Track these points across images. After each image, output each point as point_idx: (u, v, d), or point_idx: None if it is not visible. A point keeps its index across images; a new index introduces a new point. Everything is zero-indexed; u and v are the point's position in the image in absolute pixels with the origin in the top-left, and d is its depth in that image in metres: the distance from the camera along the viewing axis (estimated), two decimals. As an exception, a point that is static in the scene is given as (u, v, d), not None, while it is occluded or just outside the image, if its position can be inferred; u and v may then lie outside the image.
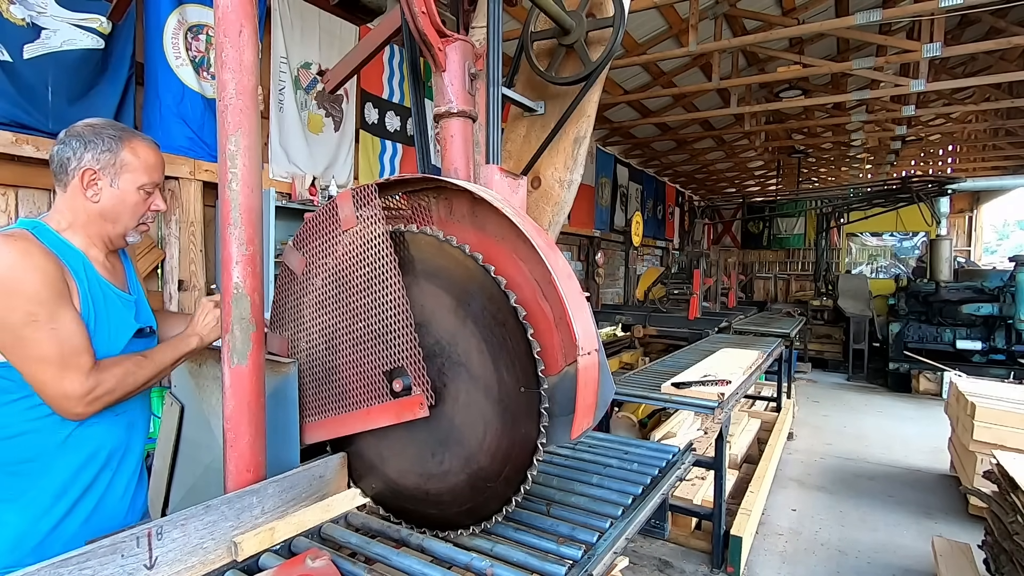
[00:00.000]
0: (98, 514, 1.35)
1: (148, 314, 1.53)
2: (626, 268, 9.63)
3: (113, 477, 1.40)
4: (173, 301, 3.27)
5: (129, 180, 1.38)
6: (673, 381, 3.24)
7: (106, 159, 1.35)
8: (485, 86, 1.47)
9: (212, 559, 1.09)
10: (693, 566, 3.33)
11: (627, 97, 6.90)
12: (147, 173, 1.40)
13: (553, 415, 1.14)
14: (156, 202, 1.46)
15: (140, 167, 1.39)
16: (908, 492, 4.57)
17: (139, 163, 1.39)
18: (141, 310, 1.50)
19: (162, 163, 1.46)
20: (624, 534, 1.30)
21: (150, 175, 1.41)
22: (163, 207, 1.49)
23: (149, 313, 1.54)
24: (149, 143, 1.43)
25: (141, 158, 1.39)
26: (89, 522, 1.33)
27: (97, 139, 1.35)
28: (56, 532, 1.28)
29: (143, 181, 1.40)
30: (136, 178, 1.39)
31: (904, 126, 8.14)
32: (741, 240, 15.41)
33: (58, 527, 1.28)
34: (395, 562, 1.14)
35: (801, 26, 5.18)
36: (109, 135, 1.36)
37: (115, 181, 1.37)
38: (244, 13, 1.23)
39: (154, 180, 1.43)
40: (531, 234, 1.11)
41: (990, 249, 16.55)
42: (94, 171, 1.34)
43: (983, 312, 7.55)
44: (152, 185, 1.43)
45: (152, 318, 1.54)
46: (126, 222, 1.41)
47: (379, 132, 4.59)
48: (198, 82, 3.28)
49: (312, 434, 1.42)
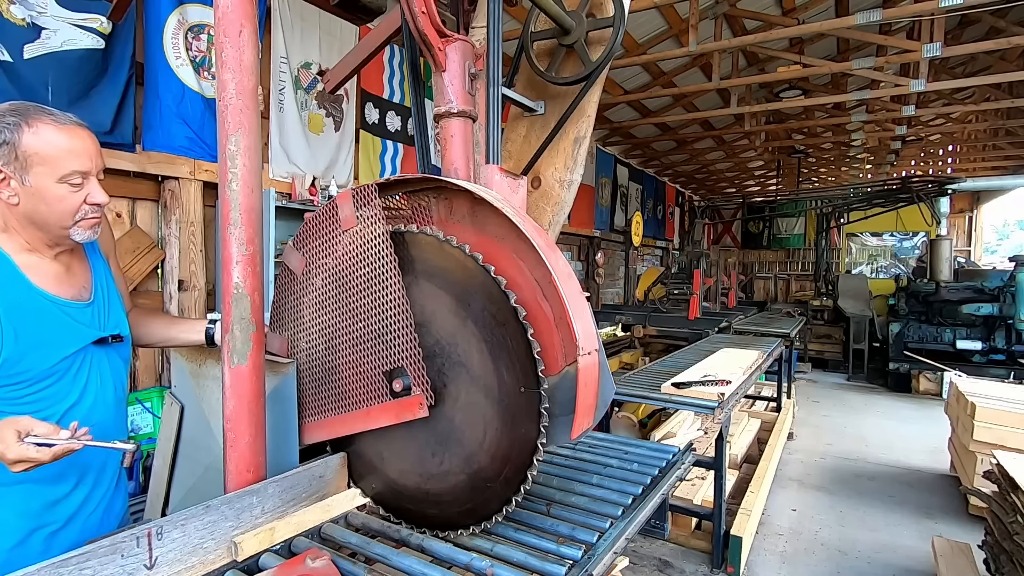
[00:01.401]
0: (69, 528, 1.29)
1: (117, 320, 1.40)
2: (626, 268, 9.63)
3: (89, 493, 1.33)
4: (173, 301, 3.27)
5: (42, 174, 1.16)
6: (673, 381, 3.24)
7: (6, 154, 1.13)
8: (485, 86, 1.47)
9: (212, 559, 1.09)
10: (693, 566, 3.33)
11: (627, 97, 6.90)
12: (64, 161, 1.17)
13: (553, 415, 1.14)
14: (93, 194, 1.23)
15: (51, 156, 1.15)
16: (908, 492, 4.57)
17: (48, 151, 1.15)
18: (107, 316, 1.37)
19: (88, 146, 1.21)
20: (624, 534, 1.30)
21: (69, 163, 1.17)
22: (102, 199, 1.24)
23: (119, 319, 1.41)
24: (62, 124, 1.18)
25: (51, 144, 1.15)
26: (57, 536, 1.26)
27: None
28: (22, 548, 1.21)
29: (61, 172, 1.17)
30: (50, 170, 1.16)
31: (904, 126, 8.14)
32: (741, 240, 15.41)
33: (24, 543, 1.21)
34: (395, 562, 1.14)
35: (801, 26, 5.18)
36: (6, 123, 1.13)
37: (25, 178, 1.15)
38: (244, 13, 1.23)
39: (78, 168, 1.19)
40: (531, 234, 1.11)
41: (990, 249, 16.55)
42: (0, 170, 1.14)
43: (983, 312, 7.55)
44: (78, 175, 1.19)
45: (122, 324, 1.41)
46: (57, 223, 1.21)
47: (380, 132, 4.59)
48: (198, 82, 3.28)
49: (312, 434, 1.42)
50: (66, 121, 1.20)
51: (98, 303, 1.36)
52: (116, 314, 1.41)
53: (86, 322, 1.31)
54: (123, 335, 1.42)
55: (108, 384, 1.38)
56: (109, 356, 1.38)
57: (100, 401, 1.34)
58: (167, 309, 3.27)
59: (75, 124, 1.21)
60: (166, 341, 1.60)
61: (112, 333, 1.37)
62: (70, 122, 1.20)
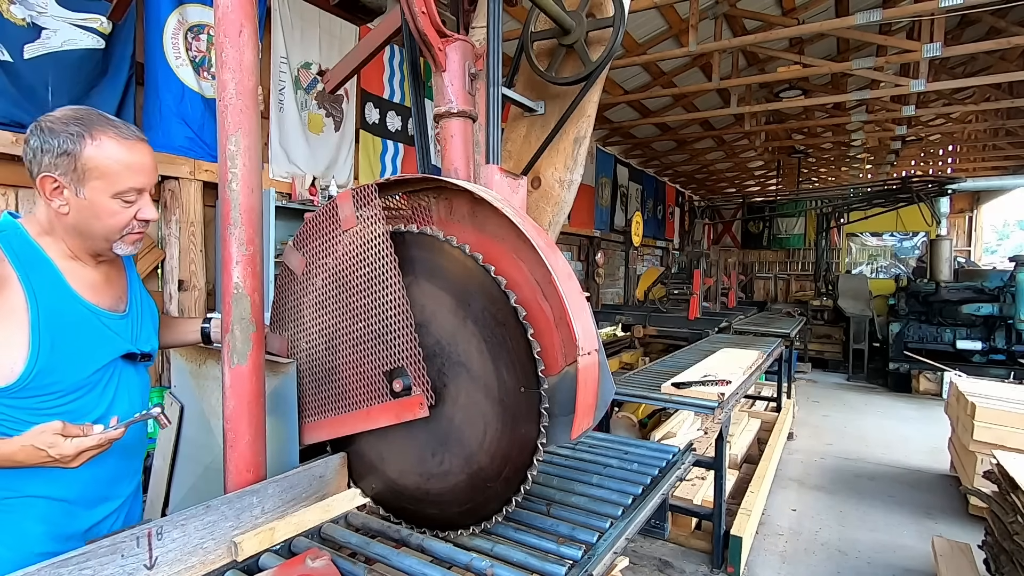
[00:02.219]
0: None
1: (148, 336, 1.37)
2: (626, 268, 9.63)
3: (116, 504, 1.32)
4: (173, 301, 3.27)
5: (98, 188, 1.13)
6: (673, 381, 3.24)
7: (65, 164, 1.11)
8: (485, 86, 1.47)
9: (212, 559, 1.09)
10: (693, 566, 3.33)
11: (627, 97, 6.89)
12: (122, 178, 1.14)
13: (553, 415, 1.14)
14: (144, 211, 1.21)
15: (111, 171, 1.13)
16: (908, 492, 4.57)
17: (109, 166, 1.13)
18: (140, 331, 1.34)
19: (147, 163, 1.20)
20: (624, 534, 1.30)
21: (127, 180, 1.15)
22: (153, 216, 1.24)
23: (149, 335, 1.38)
24: (125, 138, 1.16)
25: (112, 159, 1.13)
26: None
27: (56, 138, 1.11)
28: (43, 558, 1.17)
29: (118, 188, 1.15)
30: (107, 185, 1.14)
31: (904, 126, 8.14)
32: (741, 240, 15.41)
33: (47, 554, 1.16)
34: (395, 562, 1.14)
35: (801, 26, 5.18)
36: (69, 133, 1.11)
37: (80, 190, 1.13)
38: (244, 13, 1.23)
39: (135, 185, 1.17)
40: (531, 234, 1.11)
41: (990, 249, 16.56)
42: (54, 179, 1.12)
43: (983, 312, 7.55)
44: (133, 191, 1.17)
45: (152, 342, 1.38)
46: (103, 236, 1.19)
47: (380, 132, 4.59)
48: (198, 82, 3.28)
49: (312, 434, 1.42)
50: (129, 135, 1.17)
51: (132, 316, 1.34)
52: (147, 330, 1.38)
53: (121, 333, 1.29)
54: (152, 354, 1.39)
55: (136, 400, 1.35)
56: (138, 372, 1.36)
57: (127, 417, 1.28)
58: (167, 309, 3.27)
59: (137, 139, 1.18)
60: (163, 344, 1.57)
61: (143, 351, 1.34)
62: (133, 136, 1.17)
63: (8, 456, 1.05)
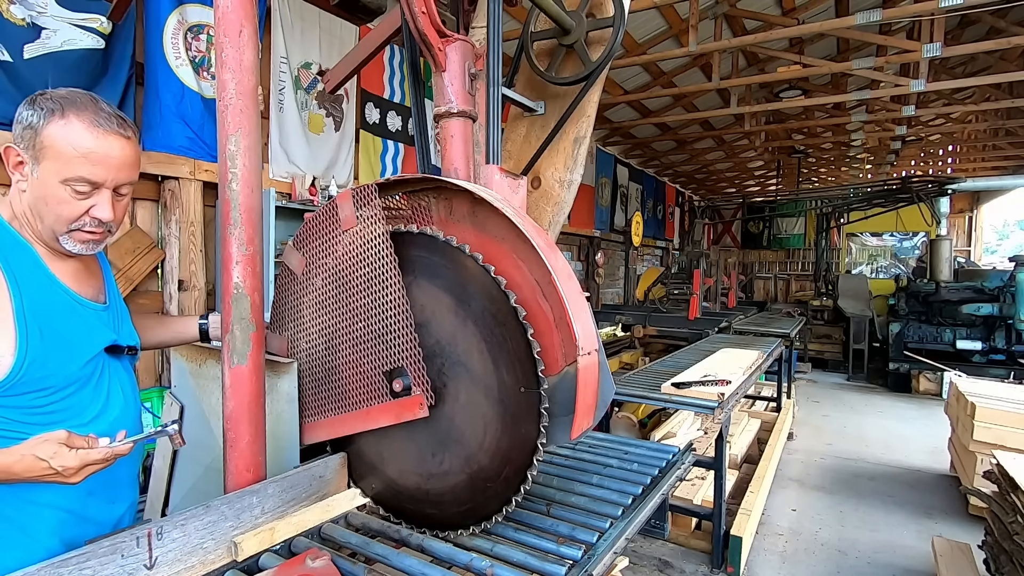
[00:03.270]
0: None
1: (129, 331, 1.32)
2: (626, 268, 9.63)
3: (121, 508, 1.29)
4: (173, 301, 3.27)
5: (50, 170, 1.06)
6: (673, 381, 3.24)
7: (28, 138, 1.05)
8: (485, 86, 1.47)
9: (212, 559, 1.09)
10: (693, 566, 3.33)
11: (627, 97, 6.90)
12: (75, 165, 1.06)
13: (553, 415, 1.14)
14: (98, 207, 1.10)
15: (64, 154, 1.05)
16: (908, 492, 4.57)
17: (64, 149, 1.05)
18: (121, 325, 1.29)
19: (114, 158, 1.09)
20: (624, 534, 1.30)
21: (80, 168, 1.06)
22: (105, 216, 1.11)
23: (128, 327, 1.32)
24: (97, 126, 1.07)
25: (70, 142, 1.05)
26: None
27: (29, 109, 1.06)
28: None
29: (67, 175, 1.06)
30: (58, 168, 1.05)
31: (904, 126, 8.14)
32: (741, 240, 15.41)
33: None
34: (395, 562, 1.14)
35: (801, 26, 5.18)
36: (44, 105, 1.05)
37: (35, 168, 1.07)
38: (244, 13, 1.23)
39: (88, 176, 1.07)
40: (531, 234, 1.11)
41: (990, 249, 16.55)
42: (17, 151, 1.07)
43: (983, 312, 7.55)
44: (85, 183, 1.08)
45: (134, 337, 1.32)
46: (51, 224, 1.09)
47: (380, 132, 4.59)
48: (198, 82, 3.28)
49: (312, 434, 1.42)
50: (107, 126, 1.09)
51: (113, 308, 1.29)
52: (128, 325, 1.34)
53: (105, 324, 1.23)
54: (137, 348, 1.34)
55: (130, 398, 1.30)
56: (126, 368, 1.31)
57: (125, 413, 1.27)
58: (167, 309, 3.27)
59: (115, 132, 1.10)
60: (161, 343, 1.55)
61: (129, 344, 1.29)
62: (111, 129, 1.10)
63: (6, 468, 0.97)
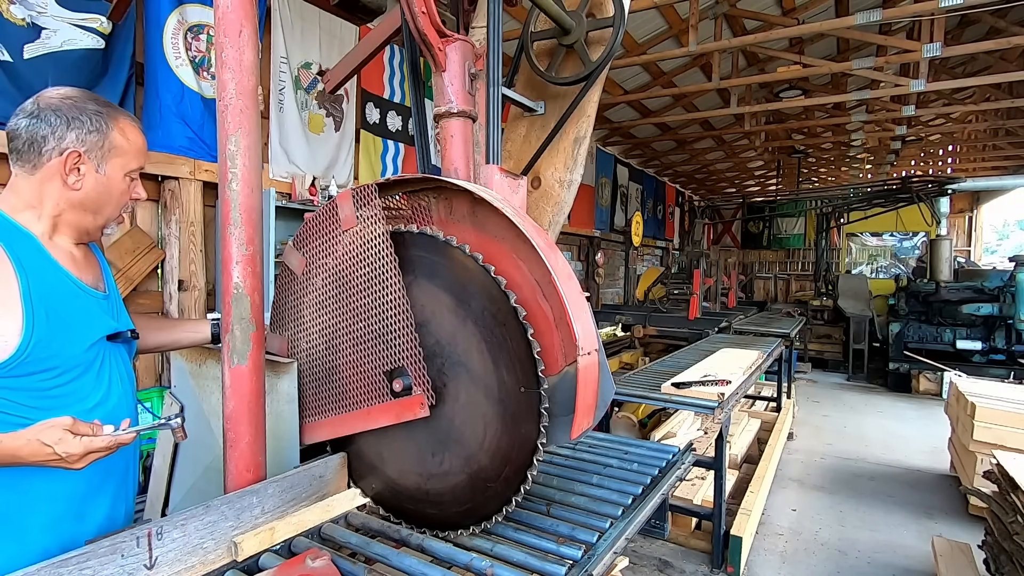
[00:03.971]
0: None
1: (126, 317, 1.36)
2: (626, 268, 9.63)
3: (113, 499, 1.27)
4: (173, 301, 3.27)
5: (118, 166, 1.23)
6: (673, 381, 3.24)
7: (93, 140, 1.19)
8: (485, 86, 1.47)
9: (212, 559, 1.09)
10: (693, 566, 3.33)
11: (627, 97, 6.89)
12: (137, 157, 1.26)
13: (553, 415, 1.14)
14: (138, 189, 1.31)
15: (130, 151, 1.24)
16: (908, 492, 4.57)
17: (129, 146, 1.24)
18: (119, 312, 1.34)
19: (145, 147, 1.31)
20: (624, 534, 1.30)
21: (139, 159, 1.27)
22: (144, 195, 1.33)
23: (126, 316, 1.37)
24: (136, 123, 1.28)
25: (131, 140, 1.24)
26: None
27: (83, 116, 1.18)
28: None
29: (133, 166, 1.26)
30: (126, 163, 1.24)
31: (904, 126, 8.14)
32: (741, 240, 15.41)
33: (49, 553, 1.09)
34: (395, 562, 1.14)
35: (801, 26, 5.18)
36: (94, 112, 1.19)
37: (102, 166, 1.20)
38: (244, 13, 1.24)
39: (142, 165, 1.29)
40: (531, 234, 1.11)
41: (990, 249, 16.55)
42: (79, 154, 1.17)
43: (983, 312, 7.55)
44: (139, 171, 1.29)
45: (130, 321, 1.37)
46: (109, 212, 1.26)
47: (381, 132, 4.59)
48: (198, 82, 3.28)
49: (312, 434, 1.42)
50: (136, 121, 1.28)
51: (112, 298, 1.33)
52: (124, 314, 1.37)
53: (106, 311, 1.27)
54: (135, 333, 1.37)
55: (127, 384, 1.32)
56: (123, 356, 1.33)
57: (123, 401, 1.29)
58: (167, 309, 3.27)
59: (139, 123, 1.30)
60: (171, 344, 1.56)
61: (130, 328, 1.33)
62: (137, 121, 1.29)
63: (12, 452, 1.02)
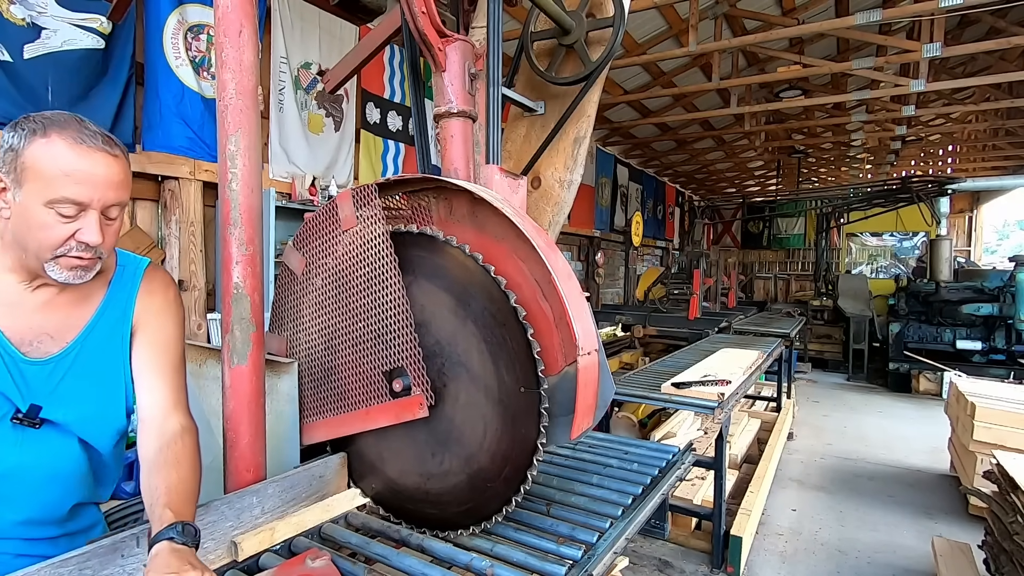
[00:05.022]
0: None
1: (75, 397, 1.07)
2: (626, 268, 9.63)
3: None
4: (173, 301, 3.27)
5: (32, 192, 0.96)
6: (673, 381, 3.24)
7: (9, 161, 0.96)
8: (485, 86, 1.47)
9: (212, 559, 1.09)
10: (693, 566, 3.33)
11: (627, 97, 6.89)
12: (58, 185, 0.95)
13: (553, 415, 1.14)
14: (84, 231, 0.98)
15: (47, 175, 0.95)
16: (908, 492, 4.57)
17: (47, 169, 0.95)
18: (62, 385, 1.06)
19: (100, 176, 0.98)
20: (624, 534, 1.30)
21: (64, 188, 0.95)
22: (92, 239, 0.99)
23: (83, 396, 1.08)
24: (80, 143, 0.97)
25: (53, 162, 0.95)
26: None
27: (12, 131, 0.98)
28: None
29: (51, 196, 0.95)
30: (40, 190, 0.95)
31: (904, 126, 8.14)
32: (741, 240, 15.41)
33: None
34: (395, 562, 1.14)
35: (801, 26, 5.18)
36: (25, 126, 0.97)
37: (17, 192, 0.97)
38: (244, 13, 1.23)
39: (73, 197, 0.96)
40: (531, 234, 1.11)
41: (990, 249, 16.54)
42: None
43: (983, 312, 7.54)
44: (71, 205, 0.96)
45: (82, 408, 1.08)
46: (34, 252, 0.98)
47: (381, 132, 4.59)
48: (198, 82, 3.28)
49: (312, 434, 1.42)
50: (92, 143, 0.98)
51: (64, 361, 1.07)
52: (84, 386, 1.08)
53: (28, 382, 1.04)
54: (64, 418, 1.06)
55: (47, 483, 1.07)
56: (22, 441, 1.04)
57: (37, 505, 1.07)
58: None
59: (100, 149, 0.99)
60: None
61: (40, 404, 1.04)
62: (96, 145, 0.98)
63: None
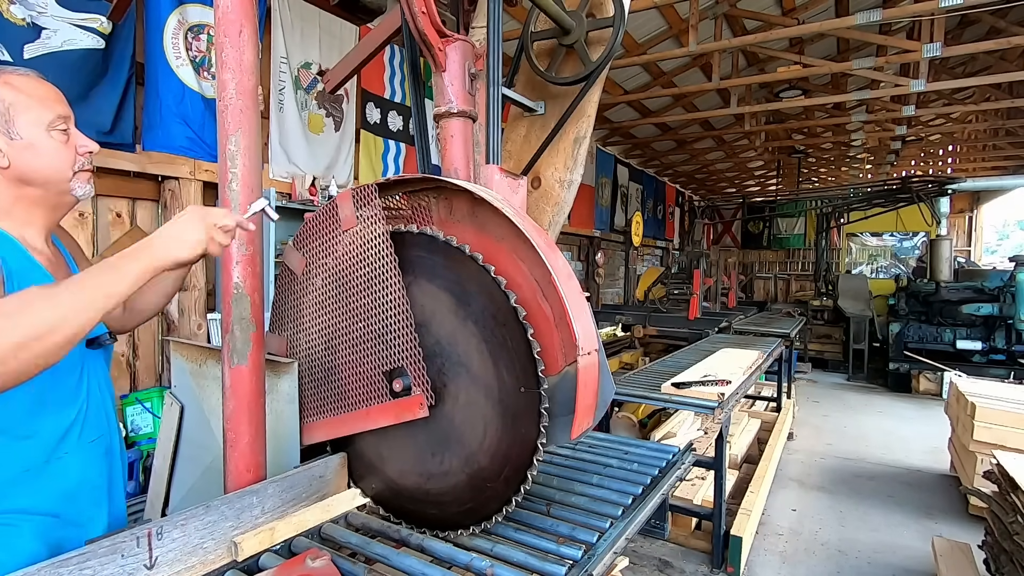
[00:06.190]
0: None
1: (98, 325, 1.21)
2: (626, 268, 9.63)
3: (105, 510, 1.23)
4: (173, 301, 3.27)
5: (29, 121, 1.08)
6: (673, 381, 3.24)
7: None
8: (485, 86, 1.47)
9: (212, 559, 1.09)
10: (693, 566, 3.33)
11: (627, 97, 6.89)
12: (46, 106, 1.10)
13: (553, 415, 1.14)
14: (81, 140, 1.15)
15: (33, 102, 1.09)
16: (908, 492, 4.57)
17: (28, 98, 1.08)
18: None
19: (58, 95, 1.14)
20: (624, 534, 1.30)
21: (52, 108, 1.11)
22: (94, 147, 1.17)
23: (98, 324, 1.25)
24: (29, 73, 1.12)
25: (27, 92, 1.08)
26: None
27: None
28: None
29: (48, 117, 1.10)
30: (37, 116, 1.09)
31: (904, 126, 8.13)
32: (741, 240, 15.41)
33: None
34: (395, 562, 1.14)
35: (801, 26, 5.18)
36: None
37: (11, 130, 1.06)
38: (244, 13, 1.23)
39: (60, 113, 1.12)
40: (531, 234, 1.11)
41: (990, 249, 16.56)
42: None
43: (983, 312, 7.54)
44: (62, 120, 1.12)
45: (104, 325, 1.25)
46: (57, 175, 1.11)
47: (381, 132, 4.59)
48: (198, 82, 3.28)
49: (312, 434, 1.42)
50: (28, 71, 1.13)
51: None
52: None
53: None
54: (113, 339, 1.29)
55: (106, 391, 1.27)
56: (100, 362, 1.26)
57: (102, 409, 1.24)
58: (167, 309, 3.26)
59: (37, 73, 1.14)
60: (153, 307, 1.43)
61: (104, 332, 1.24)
62: (32, 72, 1.13)
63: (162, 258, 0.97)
